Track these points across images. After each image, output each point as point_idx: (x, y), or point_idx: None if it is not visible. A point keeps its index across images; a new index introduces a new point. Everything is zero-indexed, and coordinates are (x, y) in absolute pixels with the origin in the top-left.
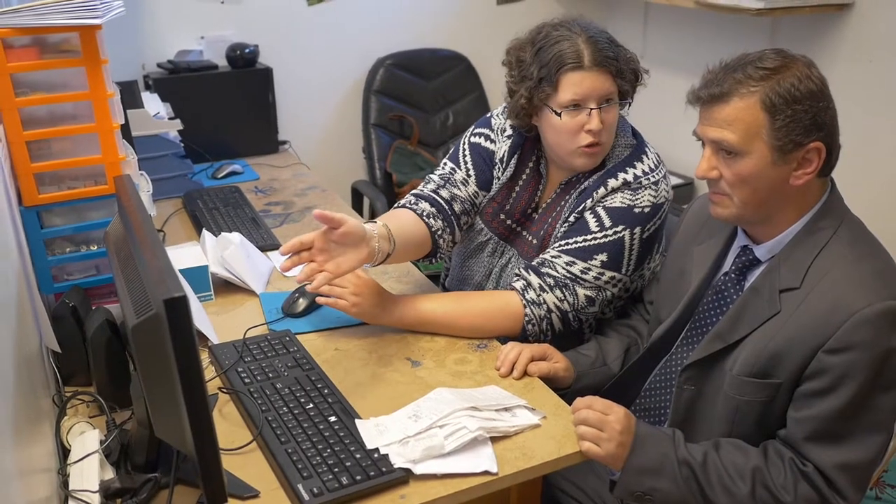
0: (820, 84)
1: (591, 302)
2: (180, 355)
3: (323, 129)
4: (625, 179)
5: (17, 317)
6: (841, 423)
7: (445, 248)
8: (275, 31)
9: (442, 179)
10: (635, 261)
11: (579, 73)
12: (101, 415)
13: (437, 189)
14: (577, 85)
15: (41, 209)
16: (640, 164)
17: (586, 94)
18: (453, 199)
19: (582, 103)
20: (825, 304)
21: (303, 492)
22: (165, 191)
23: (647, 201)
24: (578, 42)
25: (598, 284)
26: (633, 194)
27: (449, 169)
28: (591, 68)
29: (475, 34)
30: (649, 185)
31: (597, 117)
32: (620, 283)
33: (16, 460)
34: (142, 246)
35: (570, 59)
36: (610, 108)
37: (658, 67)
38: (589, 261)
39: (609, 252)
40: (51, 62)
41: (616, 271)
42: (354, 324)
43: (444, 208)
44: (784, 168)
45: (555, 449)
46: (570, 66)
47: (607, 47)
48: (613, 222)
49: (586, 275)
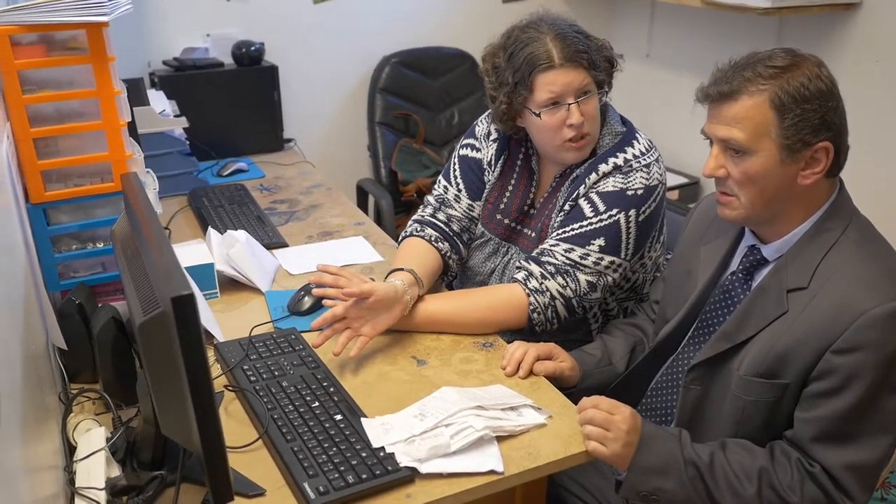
0: (829, 84)
1: (593, 287)
2: (187, 353)
3: (328, 127)
4: (615, 163)
5: (25, 314)
6: (848, 424)
7: (455, 267)
8: (280, 30)
9: (437, 201)
10: (633, 244)
11: (552, 72)
12: (106, 412)
13: (435, 213)
14: (552, 84)
15: (48, 206)
16: (630, 148)
17: (562, 91)
18: (450, 220)
19: (559, 100)
20: (833, 305)
21: (309, 490)
22: (171, 188)
23: (639, 183)
24: (547, 41)
25: (598, 270)
26: (624, 177)
27: (442, 188)
28: (563, 65)
29: (481, 32)
30: (640, 168)
31: (576, 111)
32: (620, 269)
33: (24, 457)
34: (149, 243)
35: (541, 60)
36: (588, 99)
37: (664, 67)
38: (587, 246)
39: (606, 236)
40: (58, 59)
41: (615, 255)
42: None
43: (445, 231)
44: (792, 167)
45: (561, 448)
46: (541, 67)
47: (577, 41)
48: (607, 206)
49: (585, 260)
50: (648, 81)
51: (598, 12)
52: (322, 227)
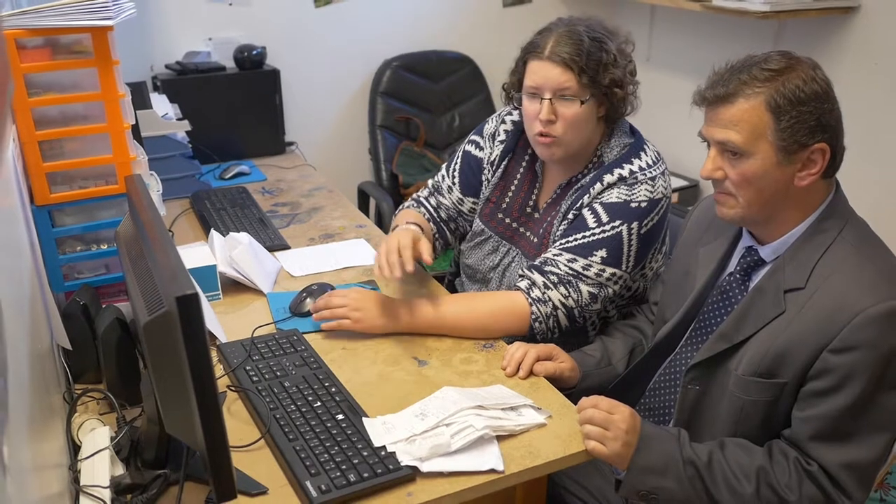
0: (825, 86)
1: (594, 298)
2: (192, 351)
3: (329, 130)
4: (620, 175)
5: (31, 314)
6: (846, 423)
7: (441, 250)
8: (282, 33)
9: (433, 187)
10: (634, 257)
11: (538, 61)
12: (110, 412)
13: (428, 196)
14: (535, 73)
15: (53, 208)
16: (636, 160)
17: (541, 83)
18: (439, 207)
19: (538, 92)
20: (830, 304)
21: (311, 489)
22: (173, 191)
23: (643, 196)
24: (553, 35)
25: (599, 281)
26: (628, 189)
27: (440, 176)
28: (549, 59)
29: (481, 36)
30: (646, 181)
31: (547, 107)
32: (621, 281)
33: (32, 455)
34: (153, 245)
35: (534, 48)
36: (566, 102)
37: (663, 70)
38: (589, 257)
39: (608, 247)
40: (63, 63)
41: (616, 267)
42: None
43: (433, 215)
44: (788, 169)
45: (560, 448)
46: (532, 54)
47: (579, 44)
48: (610, 217)
49: (588, 271)
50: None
51: (598, 15)
52: (323, 230)
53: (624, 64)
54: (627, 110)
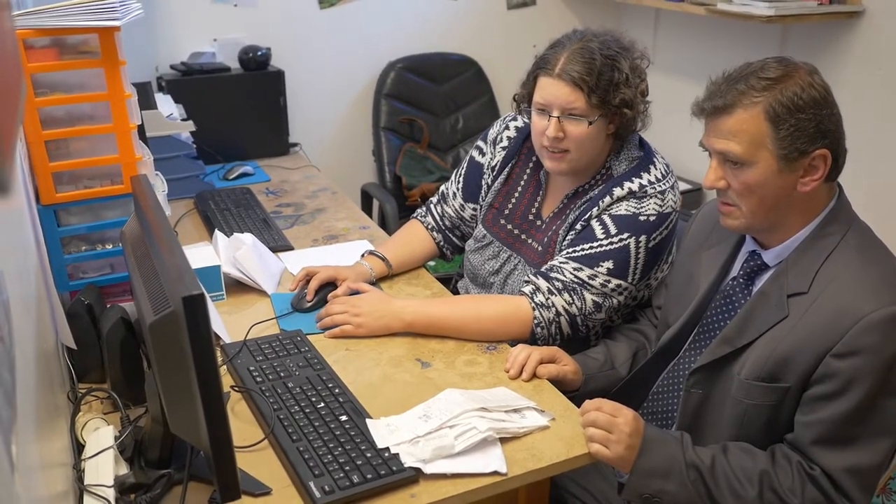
0: (823, 91)
1: (598, 308)
2: (198, 351)
3: (333, 131)
4: (630, 189)
5: (36, 313)
6: (848, 427)
7: (450, 256)
8: (287, 35)
9: (441, 194)
10: (641, 270)
11: (547, 78)
12: (114, 412)
13: (437, 204)
14: (544, 89)
15: (58, 208)
16: (646, 174)
17: (549, 100)
18: (444, 216)
19: (546, 108)
20: (833, 309)
21: (314, 489)
22: (178, 191)
23: (652, 210)
24: (565, 51)
25: (604, 291)
26: (638, 202)
27: (449, 181)
28: (559, 77)
29: (486, 39)
30: (655, 195)
31: (554, 125)
32: (626, 292)
33: (38, 454)
34: (159, 244)
35: (545, 64)
36: (575, 121)
37: (668, 74)
38: (595, 268)
39: (615, 259)
40: (70, 63)
41: (622, 279)
42: None
43: (438, 224)
44: (790, 176)
45: (563, 450)
46: (543, 70)
47: (590, 63)
48: (619, 230)
49: (593, 280)
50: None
51: (603, 20)
52: (327, 231)
53: (636, 83)
54: (638, 127)
